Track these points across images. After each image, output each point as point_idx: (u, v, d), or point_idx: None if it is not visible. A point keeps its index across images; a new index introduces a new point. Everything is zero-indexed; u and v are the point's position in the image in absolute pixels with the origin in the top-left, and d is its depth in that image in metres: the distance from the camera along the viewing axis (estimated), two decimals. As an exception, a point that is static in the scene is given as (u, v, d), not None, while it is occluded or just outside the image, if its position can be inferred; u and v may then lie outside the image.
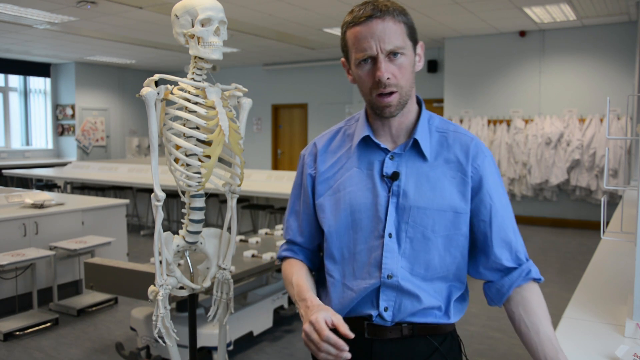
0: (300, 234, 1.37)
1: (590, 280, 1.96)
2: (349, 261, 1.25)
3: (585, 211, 8.00)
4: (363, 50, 1.18)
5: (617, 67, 7.65)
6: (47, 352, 3.49)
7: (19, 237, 4.11)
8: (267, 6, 6.65)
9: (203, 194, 2.03)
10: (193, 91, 1.94)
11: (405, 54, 1.19)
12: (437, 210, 1.21)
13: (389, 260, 1.20)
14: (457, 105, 8.86)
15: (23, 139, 11.82)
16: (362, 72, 1.20)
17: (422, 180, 1.22)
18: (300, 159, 1.38)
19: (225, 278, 2.16)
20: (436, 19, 7.42)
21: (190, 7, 1.86)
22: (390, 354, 1.24)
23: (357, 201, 1.24)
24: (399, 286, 1.20)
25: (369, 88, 1.21)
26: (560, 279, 5.24)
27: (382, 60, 1.16)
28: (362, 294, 1.22)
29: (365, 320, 1.23)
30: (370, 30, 1.17)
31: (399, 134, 1.27)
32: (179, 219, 7.59)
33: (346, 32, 1.22)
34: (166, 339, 1.99)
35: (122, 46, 9.59)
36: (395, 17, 1.19)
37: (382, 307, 1.21)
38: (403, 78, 1.19)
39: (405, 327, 1.22)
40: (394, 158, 1.24)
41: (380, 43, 1.16)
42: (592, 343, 1.35)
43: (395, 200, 1.22)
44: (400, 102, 1.21)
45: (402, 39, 1.19)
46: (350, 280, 1.24)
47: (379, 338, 1.23)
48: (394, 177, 1.22)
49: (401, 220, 1.21)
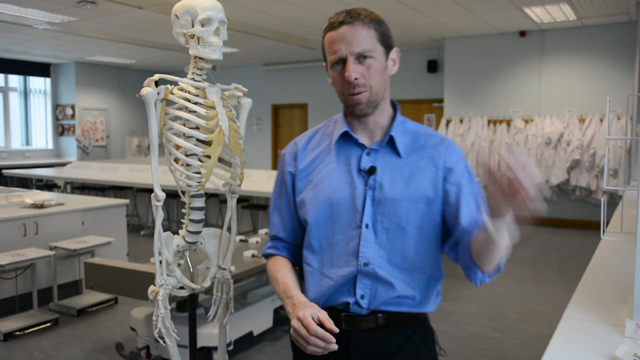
0: (283, 230, 1.44)
1: (590, 280, 1.96)
2: (327, 251, 1.33)
3: (585, 211, 8.00)
4: (334, 52, 1.28)
5: (617, 67, 7.65)
6: (47, 352, 3.49)
7: (19, 237, 4.11)
8: (267, 6, 6.65)
9: (203, 194, 2.03)
10: (193, 91, 1.94)
11: (374, 57, 1.28)
12: (410, 201, 1.29)
13: (365, 249, 1.28)
14: (457, 105, 8.86)
15: (23, 139, 11.82)
16: (335, 74, 1.30)
17: (396, 175, 1.30)
18: (281, 158, 1.45)
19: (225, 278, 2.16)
20: (436, 19, 7.42)
21: (190, 7, 1.86)
22: (367, 343, 1.31)
23: (336, 194, 1.31)
24: (375, 274, 1.28)
25: (341, 88, 1.30)
26: (560, 279, 5.24)
27: (351, 61, 1.26)
28: (339, 281, 1.30)
29: (342, 312, 1.31)
30: (340, 34, 1.27)
31: (375, 132, 1.36)
32: (179, 219, 7.59)
33: (323, 38, 1.33)
34: (166, 339, 1.99)
35: (122, 46, 9.59)
36: (365, 23, 1.28)
37: (358, 295, 1.29)
38: (372, 79, 1.28)
39: (380, 317, 1.30)
40: (370, 154, 1.33)
41: (349, 46, 1.26)
42: (592, 343, 1.35)
43: (372, 193, 1.29)
44: (370, 101, 1.30)
45: (371, 43, 1.28)
46: (329, 269, 1.32)
47: (355, 329, 1.30)
48: (371, 171, 1.30)
49: (377, 212, 1.29)
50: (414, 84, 9.84)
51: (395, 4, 6.55)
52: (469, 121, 8.66)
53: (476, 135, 8.52)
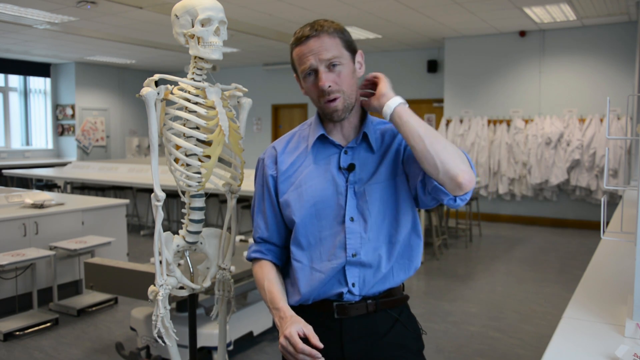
0: (267, 231, 1.51)
1: (590, 280, 1.96)
2: (315, 247, 1.41)
3: (585, 211, 8.00)
4: (305, 65, 1.36)
5: (617, 67, 7.65)
6: (47, 352, 3.49)
7: (19, 237, 4.11)
8: (267, 6, 6.65)
9: (203, 194, 2.03)
10: (193, 91, 1.94)
11: (342, 63, 1.36)
12: (383, 182, 1.39)
13: (352, 241, 1.37)
14: (457, 105, 8.86)
15: (23, 139, 11.82)
16: (308, 84, 1.39)
17: (370, 167, 1.41)
18: (260, 163, 1.54)
19: (225, 278, 2.16)
20: (436, 19, 7.42)
21: (190, 7, 1.86)
22: (358, 329, 1.41)
23: (319, 193, 1.40)
24: (362, 262, 1.38)
25: (316, 97, 1.39)
26: (560, 279, 5.24)
27: (322, 71, 1.35)
28: (330, 274, 1.38)
29: (334, 301, 1.40)
30: (309, 47, 1.36)
31: (349, 132, 1.45)
32: (179, 219, 7.59)
33: (292, 52, 1.42)
34: (165, 339, 1.99)
35: (122, 46, 9.59)
36: (329, 33, 1.36)
37: (350, 283, 1.38)
38: (344, 84, 1.36)
39: (370, 303, 1.40)
40: (347, 152, 1.42)
41: (318, 56, 1.34)
42: (592, 343, 1.35)
43: (353, 188, 1.39)
44: (345, 106, 1.38)
45: (338, 50, 1.36)
46: (318, 263, 1.40)
47: (347, 316, 1.40)
48: (350, 168, 1.40)
49: (362, 202, 1.39)
50: (414, 84, 9.85)
51: (395, 4, 6.55)
52: (469, 121, 8.66)
53: (476, 135, 8.52)
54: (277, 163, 1.48)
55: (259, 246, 1.52)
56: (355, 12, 6.94)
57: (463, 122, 8.70)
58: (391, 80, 1.43)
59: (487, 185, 8.53)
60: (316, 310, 1.42)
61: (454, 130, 8.71)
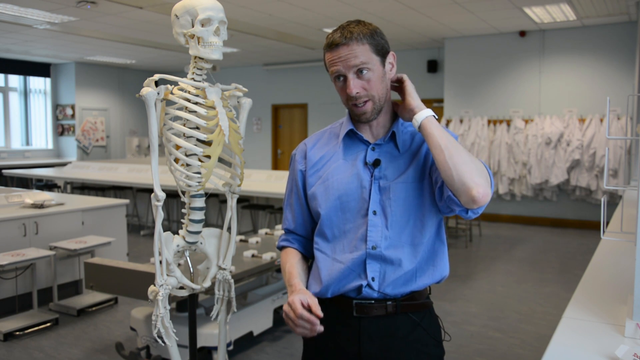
0: (294, 223, 1.56)
1: (590, 280, 1.96)
2: (339, 239, 1.45)
3: (585, 211, 8.00)
4: (334, 71, 1.40)
5: (617, 67, 7.65)
6: (47, 352, 3.49)
7: (19, 237, 4.11)
8: (267, 6, 6.65)
9: (203, 194, 2.03)
10: (193, 91, 1.94)
11: (371, 68, 1.39)
12: (410, 183, 1.42)
13: (373, 233, 1.40)
14: (457, 105, 8.86)
15: (23, 139, 11.82)
16: (338, 87, 1.43)
17: (398, 165, 1.44)
18: (292, 158, 1.58)
19: (226, 278, 2.16)
20: (436, 19, 7.42)
21: (190, 7, 1.86)
22: (377, 329, 1.41)
23: (344, 187, 1.43)
24: (382, 256, 1.39)
25: (345, 99, 1.43)
26: (560, 279, 5.24)
27: (351, 78, 1.38)
28: (350, 265, 1.41)
29: (353, 299, 1.41)
30: (338, 55, 1.38)
31: (378, 131, 1.48)
32: (179, 219, 7.59)
33: (324, 55, 1.44)
34: (165, 339, 1.99)
35: (122, 46, 9.59)
36: (359, 40, 1.38)
37: (369, 277, 1.39)
38: (373, 89, 1.40)
39: (389, 305, 1.41)
40: (375, 149, 1.46)
41: (346, 63, 1.37)
42: (592, 343, 1.35)
43: (377, 183, 1.42)
44: (374, 108, 1.42)
45: (367, 56, 1.38)
46: (340, 254, 1.43)
47: (366, 315, 1.41)
48: (376, 164, 1.43)
49: (385, 198, 1.41)
50: (414, 84, 9.82)
51: (395, 4, 6.55)
52: (469, 121, 8.66)
53: (476, 135, 8.52)
54: (306, 158, 1.53)
55: (287, 236, 1.58)
56: (355, 12, 6.94)
57: (463, 122, 8.70)
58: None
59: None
60: (336, 307, 1.44)
61: (453, 130, 8.71)
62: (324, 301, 1.43)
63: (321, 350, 1.48)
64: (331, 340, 1.44)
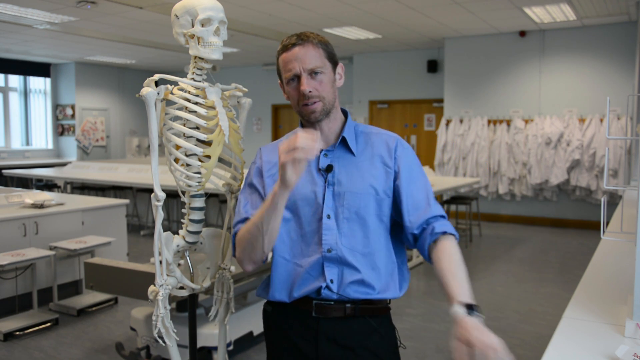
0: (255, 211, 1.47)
1: (590, 280, 1.96)
2: (297, 243, 1.48)
3: (585, 211, 8.00)
4: (289, 70, 1.45)
5: (617, 67, 7.65)
6: (47, 352, 3.49)
7: (19, 237, 4.11)
8: (267, 6, 6.65)
9: (203, 194, 2.03)
10: (193, 91, 1.94)
11: (324, 72, 1.46)
12: (365, 193, 1.45)
13: (327, 236, 1.43)
14: (457, 105, 8.86)
15: (23, 139, 11.82)
16: (291, 89, 1.48)
17: (352, 170, 1.48)
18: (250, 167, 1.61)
19: (225, 278, 2.16)
20: (436, 19, 7.42)
21: (190, 7, 1.86)
22: (334, 331, 1.44)
23: (299, 191, 1.46)
24: (339, 258, 1.42)
25: (296, 101, 1.48)
26: (560, 279, 5.24)
27: (305, 77, 1.44)
28: (309, 268, 1.44)
29: (313, 299, 1.44)
30: (294, 55, 1.44)
31: (329, 137, 1.53)
32: (179, 219, 7.59)
33: (278, 59, 1.50)
34: (166, 339, 1.99)
35: (122, 46, 9.59)
36: (314, 44, 1.46)
37: (328, 279, 1.42)
38: (324, 90, 1.46)
39: (348, 307, 1.44)
40: (327, 155, 1.50)
41: (302, 64, 1.44)
42: (592, 343, 1.35)
43: (332, 189, 1.46)
44: (323, 109, 1.47)
45: (320, 60, 1.45)
46: (300, 258, 1.46)
47: (324, 316, 1.44)
48: (329, 169, 1.47)
49: (338, 204, 1.45)
50: (414, 84, 9.84)
51: (395, 4, 6.55)
52: (469, 121, 8.66)
53: (476, 135, 8.52)
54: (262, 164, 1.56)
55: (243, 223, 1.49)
56: (355, 12, 6.94)
57: (463, 122, 8.70)
58: (391, 80, 1.45)
59: (487, 185, 8.53)
60: (297, 307, 1.47)
61: (454, 130, 8.71)
62: (285, 303, 1.48)
63: (281, 352, 1.52)
64: (290, 341, 1.48)
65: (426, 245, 1.43)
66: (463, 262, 1.39)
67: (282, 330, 1.51)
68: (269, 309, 1.57)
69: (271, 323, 1.57)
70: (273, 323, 1.56)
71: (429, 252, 1.43)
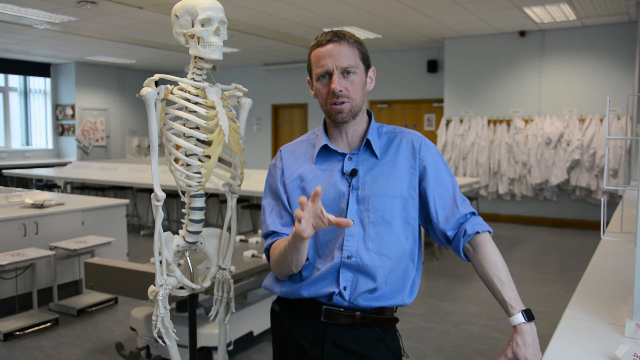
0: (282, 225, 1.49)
1: (590, 280, 1.96)
2: (321, 247, 1.45)
3: (585, 211, 8.00)
4: (322, 66, 1.41)
5: (617, 67, 7.65)
6: (47, 352, 3.49)
7: (19, 237, 4.11)
8: (267, 6, 6.65)
9: (203, 194, 2.03)
10: (193, 91, 1.94)
11: (356, 72, 1.43)
12: (390, 196, 1.43)
13: (349, 243, 1.41)
14: (457, 105, 8.86)
15: (23, 139, 11.82)
16: (321, 85, 1.44)
17: (376, 174, 1.45)
18: (271, 168, 1.57)
19: (225, 278, 2.16)
20: (436, 19, 7.42)
21: (190, 7, 1.86)
22: (341, 337, 1.43)
23: (323, 196, 1.41)
24: (357, 265, 1.40)
25: (325, 99, 1.44)
26: (560, 279, 5.24)
27: (337, 75, 1.40)
28: (325, 272, 1.41)
29: (323, 304, 1.43)
30: (328, 51, 1.41)
31: (353, 140, 1.50)
32: (179, 219, 7.59)
33: (310, 53, 1.46)
34: (165, 339, 1.99)
35: (122, 46, 9.59)
36: (350, 43, 1.43)
37: (342, 286, 1.40)
38: (354, 92, 1.43)
39: (357, 316, 1.42)
40: (352, 159, 1.47)
41: (335, 61, 1.40)
42: (592, 343, 1.35)
43: (356, 193, 1.43)
44: (351, 111, 1.43)
45: (354, 60, 1.42)
46: (320, 262, 1.44)
47: (333, 322, 1.43)
48: (353, 173, 1.44)
49: (363, 209, 1.42)
50: (414, 84, 9.84)
51: (395, 4, 6.55)
52: (469, 121, 8.66)
53: (476, 135, 8.52)
54: (284, 167, 1.53)
55: (273, 237, 1.49)
56: (355, 12, 6.94)
57: (463, 122, 8.70)
58: (391, 80, 1.44)
59: (487, 185, 8.53)
60: (307, 310, 1.46)
61: (454, 130, 8.71)
62: (294, 304, 1.48)
63: (287, 352, 1.51)
64: (296, 342, 1.47)
65: (460, 247, 1.45)
66: (504, 262, 1.44)
67: (288, 331, 1.51)
68: (277, 308, 1.56)
69: (278, 323, 1.56)
70: (280, 323, 1.55)
71: (465, 254, 1.46)
